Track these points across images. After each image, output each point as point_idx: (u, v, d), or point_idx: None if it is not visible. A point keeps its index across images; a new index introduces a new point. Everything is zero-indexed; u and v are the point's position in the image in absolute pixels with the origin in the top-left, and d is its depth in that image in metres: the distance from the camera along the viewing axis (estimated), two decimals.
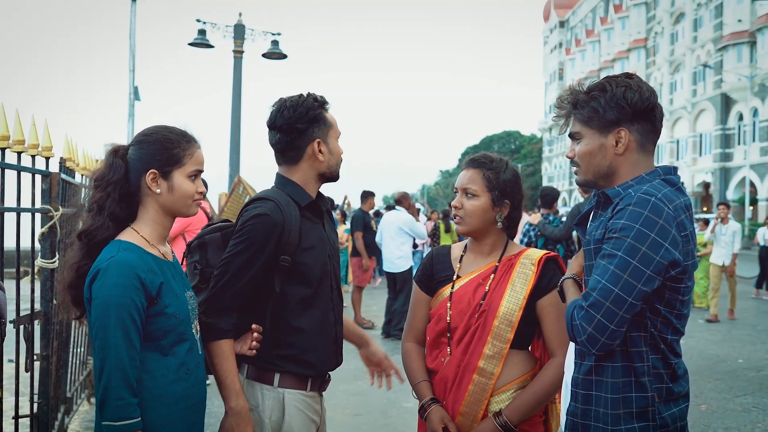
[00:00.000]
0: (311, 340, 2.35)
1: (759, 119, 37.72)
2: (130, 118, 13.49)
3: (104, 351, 1.84)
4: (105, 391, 1.83)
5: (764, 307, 13.05)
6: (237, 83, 14.34)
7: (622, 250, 1.75)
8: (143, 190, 2.04)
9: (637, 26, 53.08)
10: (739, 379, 7.05)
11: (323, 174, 2.44)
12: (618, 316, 1.74)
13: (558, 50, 70.16)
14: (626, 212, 1.78)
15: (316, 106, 2.39)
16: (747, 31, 38.30)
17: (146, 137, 2.06)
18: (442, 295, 2.47)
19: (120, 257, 1.91)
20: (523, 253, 2.43)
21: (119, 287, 1.86)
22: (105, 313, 1.85)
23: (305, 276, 2.33)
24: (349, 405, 5.96)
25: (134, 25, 13.30)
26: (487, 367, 2.30)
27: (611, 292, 1.74)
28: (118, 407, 1.82)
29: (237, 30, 14.14)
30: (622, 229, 1.77)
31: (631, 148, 1.93)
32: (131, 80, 13.44)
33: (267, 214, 2.25)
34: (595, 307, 1.75)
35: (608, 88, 1.92)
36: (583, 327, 1.76)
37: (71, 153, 4.06)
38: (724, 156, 41.07)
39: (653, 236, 1.75)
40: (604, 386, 1.87)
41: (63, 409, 4.42)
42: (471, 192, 2.42)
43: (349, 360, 8.37)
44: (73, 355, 4.83)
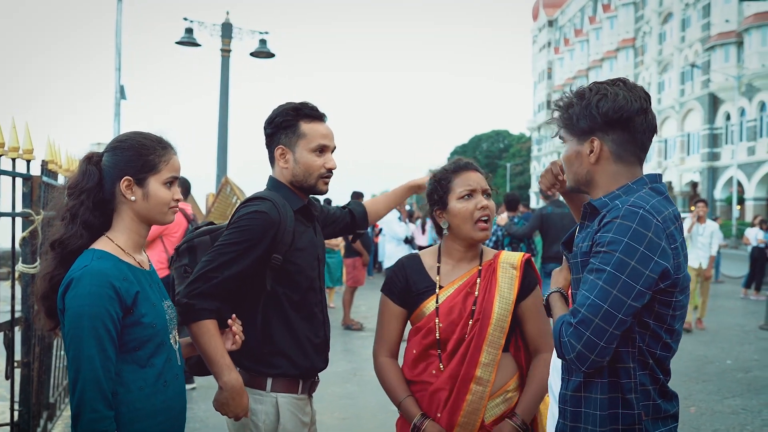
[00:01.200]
0: (302, 340, 2.38)
1: (746, 119, 37.96)
2: (116, 118, 13.38)
3: (78, 362, 1.78)
4: (79, 403, 1.77)
5: (752, 307, 13.09)
6: (224, 82, 14.25)
7: (611, 265, 1.70)
8: (118, 198, 1.98)
9: (626, 26, 53.27)
10: (728, 380, 7.05)
11: (293, 183, 2.45)
12: (608, 333, 1.69)
13: (547, 49, 70.34)
14: (614, 225, 1.73)
15: (287, 114, 2.42)
16: (734, 32, 38.53)
17: (120, 143, 2.01)
18: (427, 308, 2.40)
19: (93, 266, 1.85)
20: (499, 257, 2.42)
21: (92, 297, 1.80)
22: (78, 323, 1.79)
23: (296, 277, 2.37)
24: (338, 408, 5.92)
25: (120, 24, 13.18)
26: (483, 376, 2.28)
27: (600, 309, 1.69)
28: (93, 420, 1.77)
29: (224, 29, 14.06)
30: (610, 243, 1.72)
31: (605, 157, 1.89)
32: (117, 79, 13.33)
33: (265, 212, 2.28)
34: (584, 324, 1.70)
35: (586, 96, 1.88)
36: (572, 344, 1.71)
37: (53, 155, 3.99)
38: (711, 155, 41.29)
39: (642, 250, 1.70)
40: (592, 402, 1.82)
41: (46, 415, 4.35)
42: (489, 193, 2.43)
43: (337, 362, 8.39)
44: (57, 358, 4.76)
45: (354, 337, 9.34)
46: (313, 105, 2.48)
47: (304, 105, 2.46)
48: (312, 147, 2.43)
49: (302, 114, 2.44)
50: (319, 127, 2.45)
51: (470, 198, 2.37)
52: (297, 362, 2.37)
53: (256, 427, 2.31)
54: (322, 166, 2.44)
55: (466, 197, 2.38)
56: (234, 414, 2.24)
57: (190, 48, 14.08)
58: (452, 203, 2.40)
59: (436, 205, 2.46)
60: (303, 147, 2.42)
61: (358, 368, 7.40)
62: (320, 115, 2.48)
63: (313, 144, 2.43)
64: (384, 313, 2.50)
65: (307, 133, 2.42)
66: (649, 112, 1.90)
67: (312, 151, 2.43)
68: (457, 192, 2.39)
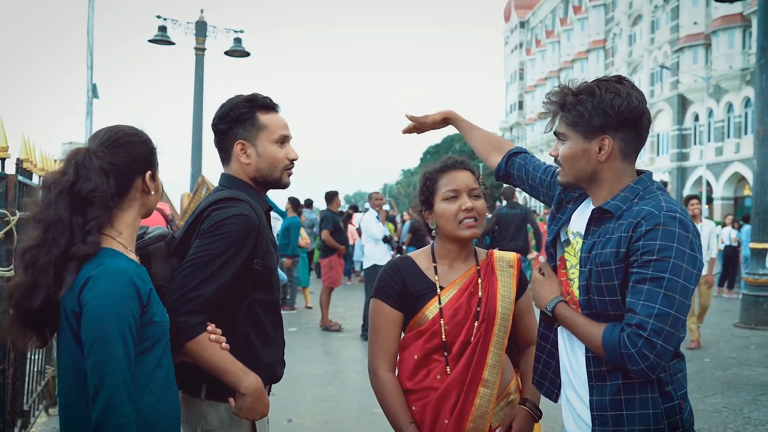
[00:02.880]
0: (274, 346, 2.31)
1: (714, 120, 38.49)
2: (88, 116, 13.09)
3: (104, 366, 1.64)
4: (105, 410, 1.63)
5: (725, 305, 13.25)
6: (199, 81, 14.09)
7: (668, 272, 1.72)
8: (132, 194, 1.87)
9: (596, 27, 53.76)
10: (707, 378, 7.10)
11: (254, 178, 2.33)
12: (675, 337, 1.73)
13: (519, 50, 70.75)
14: (659, 232, 1.75)
15: (242, 107, 2.30)
16: (702, 34, 39.06)
17: (133, 137, 1.88)
18: (429, 310, 2.29)
19: (111, 264, 1.73)
20: (494, 256, 2.40)
21: (116, 296, 1.68)
22: (103, 325, 1.66)
23: (268, 280, 2.27)
24: (320, 411, 5.82)
25: (92, 21, 12.90)
26: (490, 378, 2.23)
27: (669, 316, 1.71)
28: (122, 425, 1.64)
29: (199, 27, 13.91)
30: (661, 250, 1.74)
31: (614, 155, 1.90)
32: (89, 77, 13.04)
33: (246, 214, 2.14)
34: (656, 333, 1.70)
35: (597, 93, 1.87)
36: (643, 355, 1.70)
37: (28, 153, 3.85)
38: (680, 156, 41.83)
39: (688, 252, 1.75)
40: (637, 403, 1.83)
41: (20, 423, 4.21)
42: (477, 193, 2.35)
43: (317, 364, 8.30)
44: (31, 363, 4.61)
45: (333, 338, 9.24)
46: (266, 95, 2.37)
47: (256, 96, 2.35)
48: (275, 138, 2.32)
49: (258, 105, 2.32)
50: (277, 118, 2.35)
51: (455, 199, 2.31)
52: (269, 370, 2.26)
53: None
54: (285, 157, 2.34)
55: (450, 198, 2.31)
56: (261, 415, 2.11)
57: (163, 46, 13.90)
58: (437, 204, 2.34)
59: (423, 205, 2.40)
60: (265, 139, 2.31)
61: (339, 370, 7.31)
62: (275, 105, 2.37)
63: (276, 135, 2.32)
64: (379, 320, 2.34)
65: (268, 125, 2.31)
66: (648, 111, 1.94)
67: (275, 143, 2.32)
68: (442, 193, 2.33)
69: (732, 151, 36.48)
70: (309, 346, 8.59)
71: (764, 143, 10.60)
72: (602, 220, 1.91)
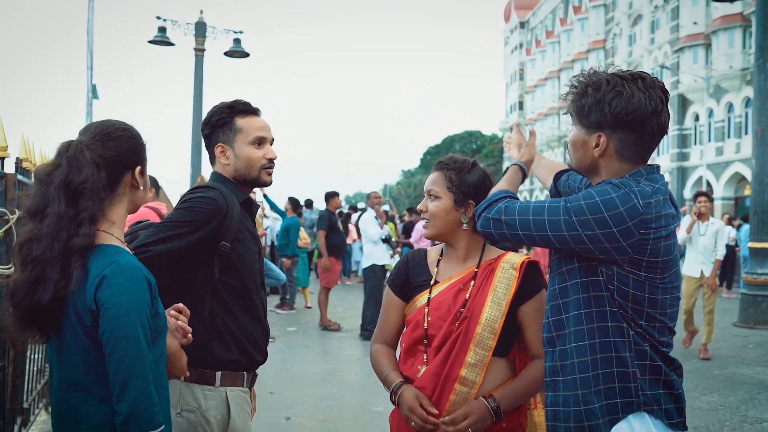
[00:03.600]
0: (246, 333, 2.42)
1: (714, 120, 38.49)
2: (88, 117, 13.12)
3: (130, 361, 1.68)
4: (136, 402, 1.66)
5: (725, 304, 13.25)
6: (198, 82, 14.10)
7: (572, 203, 1.85)
8: (122, 188, 1.87)
9: (596, 27, 53.77)
10: (705, 377, 7.12)
11: (236, 178, 2.50)
12: (528, 230, 1.91)
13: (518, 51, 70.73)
14: (599, 187, 1.86)
15: (222, 112, 2.49)
16: (702, 34, 39.06)
17: (124, 132, 1.87)
18: (419, 301, 2.38)
19: (123, 261, 1.75)
20: (503, 257, 2.36)
21: (134, 292, 1.71)
22: (126, 321, 1.68)
23: (240, 267, 2.41)
24: (318, 410, 5.85)
25: (92, 22, 12.93)
26: (469, 376, 2.22)
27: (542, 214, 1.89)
28: (153, 415, 1.69)
29: (198, 28, 13.91)
30: (585, 194, 1.85)
31: (609, 154, 1.91)
32: (89, 78, 13.07)
33: (213, 197, 2.33)
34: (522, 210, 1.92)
35: (602, 89, 1.86)
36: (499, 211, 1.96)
37: (28, 153, 3.87)
38: (681, 156, 41.83)
39: (605, 215, 1.80)
40: (574, 367, 1.96)
41: (20, 421, 4.23)
42: (433, 193, 2.37)
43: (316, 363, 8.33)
44: (31, 362, 4.64)
45: (332, 338, 9.27)
46: (246, 101, 2.53)
47: (237, 102, 2.53)
48: (250, 140, 2.48)
49: (236, 110, 2.50)
50: (254, 121, 2.51)
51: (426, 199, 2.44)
52: (243, 355, 2.39)
53: (208, 423, 2.31)
54: (262, 157, 2.50)
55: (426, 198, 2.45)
56: (181, 372, 2.07)
57: (163, 47, 13.92)
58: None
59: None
60: (241, 141, 2.48)
61: (337, 369, 7.34)
62: (254, 109, 2.54)
63: (251, 137, 2.48)
64: (385, 304, 2.52)
65: (243, 128, 2.48)
66: (662, 114, 1.89)
67: (250, 144, 2.48)
68: None
69: (732, 151, 36.47)
70: (308, 346, 8.62)
71: (763, 143, 10.62)
72: None
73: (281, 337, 9.15)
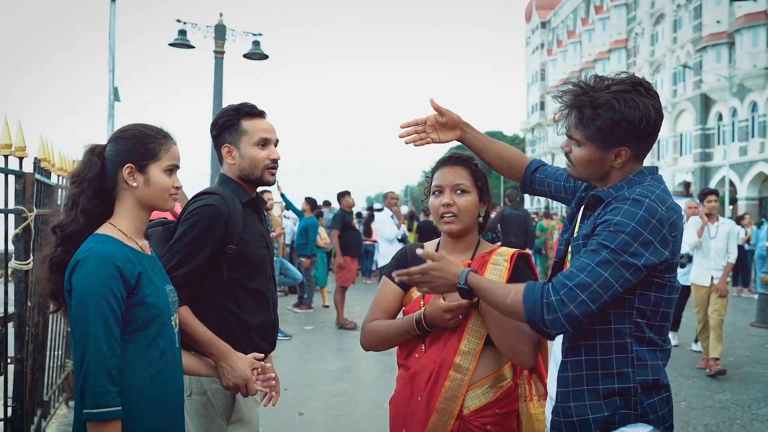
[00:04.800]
0: (257, 326, 2.61)
1: (738, 119, 38.08)
2: (109, 119, 13.35)
3: (84, 340, 1.86)
4: (84, 379, 1.85)
5: (742, 304, 13.16)
6: (218, 84, 14.24)
7: (613, 244, 1.80)
8: (120, 185, 2.08)
9: (618, 27, 53.40)
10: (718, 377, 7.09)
11: (240, 177, 2.64)
12: (588, 309, 1.80)
13: (540, 51, 70.45)
14: (622, 210, 1.84)
15: (229, 115, 2.64)
16: (725, 32, 38.65)
17: (123, 133, 2.12)
18: (415, 292, 2.45)
19: (98, 248, 1.94)
20: (495, 251, 2.44)
21: (98, 277, 1.89)
22: (84, 302, 1.88)
23: (247, 266, 2.57)
24: (331, 406, 5.94)
25: (114, 26, 13.17)
26: (463, 363, 2.29)
27: (588, 287, 1.79)
28: (97, 395, 1.84)
29: (218, 30, 14.05)
30: (618, 224, 1.82)
31: (629, 161, 1.97)
32: (111, 81, 13.30)
33: (213, 204, 2.47)
34: (585, 290, 1.80)
35: (617, 107, 1.86)
36: (552, 307, 1.81)
37: (46, 153, 4.01)
38: (704, 156, 41.42)
39: (646, 234, 1.81)
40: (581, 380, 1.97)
41: (40, 413, 4.37)
42: (462, 188, 2.39)
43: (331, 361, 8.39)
44: (51, 358, 4.77)
45: (347, 336, 9.35)
46: (252, 104, 2.67)
47: (243, 105, 2.66)
48: (254, 141, 2.62)
49: (242, 113, 2.64)
50: (259, 123, 2.65)
51: (438, 195, 2.42)
52: (252, 347, 2.55)
53: (213, 406, 2.54)
54: (266, 157, 2.63)
55: (435, 194, 2.44)
56: (242, 380, 2.37)
57: (183, 50, 14.10)
58: (430, 198, 2.49)
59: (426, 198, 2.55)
60: (246, 142, 2.62)
61: (352, 366, 7.43)
62: (260, 112, 2.67)
63: (255, 138, 2.62)
64: (380, 290, 2.55)
65: (248, 129, 2.62)
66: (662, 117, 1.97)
67: (255, 145, 2.62)
68: (431, 188, 2.47)
69: (756, 150, 36.06)
70: (324, 344, 8.72)
71: None
72: (596, 206, 2.01)
73: (298, 335, 9.26)
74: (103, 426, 1.85)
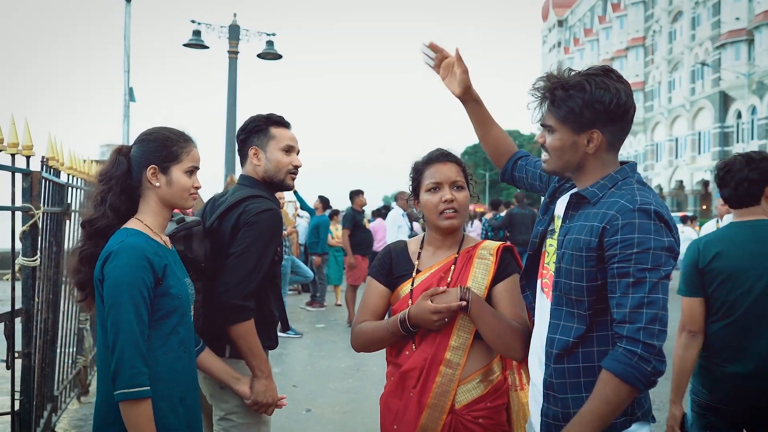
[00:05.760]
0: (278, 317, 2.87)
1: (757, 117, 37.76)
2: (125, 119, 13.50)
3: (117, 326, 2.00)
4: (119, 362, 1.99)
5: None
6: (232, 84, 14.34)
7: (649, 263, 1.80)
8: (144, 184, 2.24)
9: (636, 25, 53.11)
10: None
11: (264, 178, 2.83)
12: (664, 333, 1.81)
13: (557, 49, 70.16)
14: (635, 226, 1.82)
15: (259, 120, 2.85)
16: (745, 29, 38.33)
17: (148, 136, 2.27)
18: (403, 290, 2.46)
19: (129, 241, 2.10)
20: (480, 245, 2.47)
21: (130, 267, 2.04)
22: (117, 291, 2.02)
23: (278, 265, 2.81)
24: (339, 402, 5.98)
25: (129, 27, 13.30)
26: (453, 359, 2.32)
27: (656, 319, 1.79)
28: (133, 375, 1.99)
29: (232, 30, 14.15)
30: (641, 243, 1.81)
31: (602, 148, 1.96)
32: (126, 81, 13.44)
33: (273, 209, 2.68)
34: (656, 321, 1.79)
35: (587, 88, 1.90)
36: (649, 346, 1.78)
37: (54, 152, 4.07)
38: (722, 154, 41.04)
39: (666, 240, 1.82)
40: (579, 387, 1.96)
41: (50, 408, 4.44)
42: (459, 184, 2.43)
43: (341, 359, 8.42)
44: (62, 354, 4.84)
45: None
46: (280, 115, 2.89)
47: (272, 114, 2.88)
48: (281, 146, 2.82)
49: (272, 121, 2.86)
50: (286, 132, 2.87)
51: (436, 191, 2.42)
52: (275, 338, 2.83)
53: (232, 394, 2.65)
54: (289, 163, 2.84)
55: (432, 190, 2.43)
56: (272, 399, 2.63)
57: (197, 50, 14.21)
58: (422, 195, 2.46)
59: (412, 195, 2.55)
60: (273, 147, 2.82)
61: (361, 364, 7.46)
62: (287, 122, 2.90)
63: (282, 144, 2.83)
64: (367, 291, 2.55)
65: (276, 136, 2.83)
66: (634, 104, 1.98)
67: (281, 150, 2.82)
68: (425, 184, 2.45)
69: None
70: (335, 341, 8.77)
71: None
72: (580, 205, 2.00)
73: (309, 333, 9.32)
74: (137, 404, 1.99)
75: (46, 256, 4.02)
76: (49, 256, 4.14)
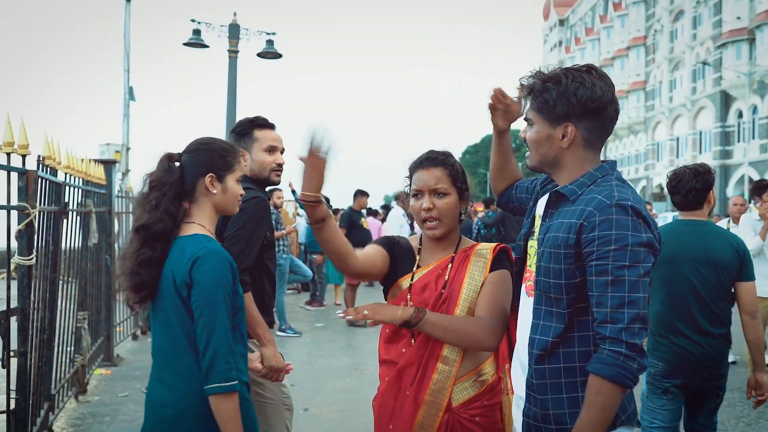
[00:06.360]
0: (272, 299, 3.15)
1: (758, 116, 37.72)
2: (125, 119, 13.51)
3: (212, 325, 2.11)
4: (213, 358, 2.09)
5: None
6: (232, 83, 14.33)
7: (627, 260, 1.79)
8: (199, 191, 2.30)
9: (637, 24, 53.08)
10: (730, 375, 7.02)
11: (251, 177, 3.06)
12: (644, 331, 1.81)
13: (558, 49, 70.14)
14: (612, 222, 1.81)
15: (245, 125, 3.11)
16: (746, 29, 38.29)
17: (203, 146, 2.35)
18: (403, 283, 2.45)
19: (211, 246, 2.20)
20: (476, 246, 2.47)
21: (219, 270, 2.15)
22: (212, 293, 2.13)
23: (271, 250, 3.09)
24: (336, 401, 5.99)
25: (128, 26, 13.31)
26: (450, 355, 2.32)
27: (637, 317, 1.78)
28: (227, 370, 2.10)
29: (232, 30, 14.13)
30: (618, 239, 1.80)
31: (577, 143, 1.96)
32: (126, 80, 13.46)
33: (260, 197, 2.95)
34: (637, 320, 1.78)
35: (563, 81, 1.92)
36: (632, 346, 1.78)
37: (51, 151, 4.08)
38: (723, 153, 41.07)
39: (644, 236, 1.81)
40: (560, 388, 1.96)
41: (47, 407, 4.45)
42: (441, 190, 2.39)
43: (339, 357, 8.43)
44: (59, 353, 4.85)
45: (357, 333, 9.40)
46: (265, 117, 3.13)
47: (257, 117, 3.13)
48: (264, 147, 3.09)
49: (256, 124, 3.11)
50: (269, 133, 3.12)
51: (419, 198, 2.42)
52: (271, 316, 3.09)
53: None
54: (272, 162, 3.10)
55: (415, 196, 2.44)
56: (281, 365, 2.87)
57: (197, 49, 14.21)
58: (411, 201, 2.48)
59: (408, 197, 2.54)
60: (257, 148, 3.09)
61: (360, 363, 7.48)
62: (270, 124, 3.14)
63: (265, 145, 3.09)
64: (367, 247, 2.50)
65: (260, 138, 3.10)
66: (616, 101, 1.98)
67: (264, 151, 3.09)
68: (411, 190, 2.46)
69: None
70: (333, 341, 8.78)
71: None
72: (559, 203, 1.99)
73: (308, 332, 9.33)
74: (229, 397, 2.10)
75: (43, 255, 4.03)
76: (46, 254, 4.15)
